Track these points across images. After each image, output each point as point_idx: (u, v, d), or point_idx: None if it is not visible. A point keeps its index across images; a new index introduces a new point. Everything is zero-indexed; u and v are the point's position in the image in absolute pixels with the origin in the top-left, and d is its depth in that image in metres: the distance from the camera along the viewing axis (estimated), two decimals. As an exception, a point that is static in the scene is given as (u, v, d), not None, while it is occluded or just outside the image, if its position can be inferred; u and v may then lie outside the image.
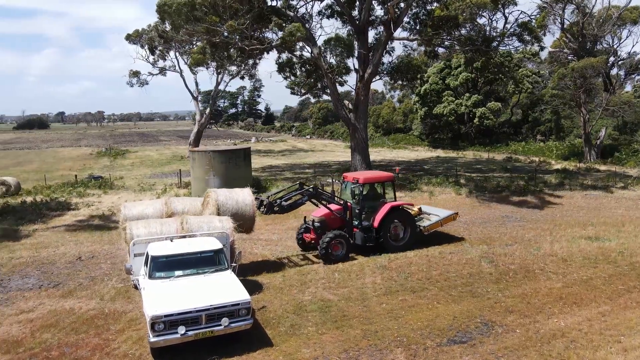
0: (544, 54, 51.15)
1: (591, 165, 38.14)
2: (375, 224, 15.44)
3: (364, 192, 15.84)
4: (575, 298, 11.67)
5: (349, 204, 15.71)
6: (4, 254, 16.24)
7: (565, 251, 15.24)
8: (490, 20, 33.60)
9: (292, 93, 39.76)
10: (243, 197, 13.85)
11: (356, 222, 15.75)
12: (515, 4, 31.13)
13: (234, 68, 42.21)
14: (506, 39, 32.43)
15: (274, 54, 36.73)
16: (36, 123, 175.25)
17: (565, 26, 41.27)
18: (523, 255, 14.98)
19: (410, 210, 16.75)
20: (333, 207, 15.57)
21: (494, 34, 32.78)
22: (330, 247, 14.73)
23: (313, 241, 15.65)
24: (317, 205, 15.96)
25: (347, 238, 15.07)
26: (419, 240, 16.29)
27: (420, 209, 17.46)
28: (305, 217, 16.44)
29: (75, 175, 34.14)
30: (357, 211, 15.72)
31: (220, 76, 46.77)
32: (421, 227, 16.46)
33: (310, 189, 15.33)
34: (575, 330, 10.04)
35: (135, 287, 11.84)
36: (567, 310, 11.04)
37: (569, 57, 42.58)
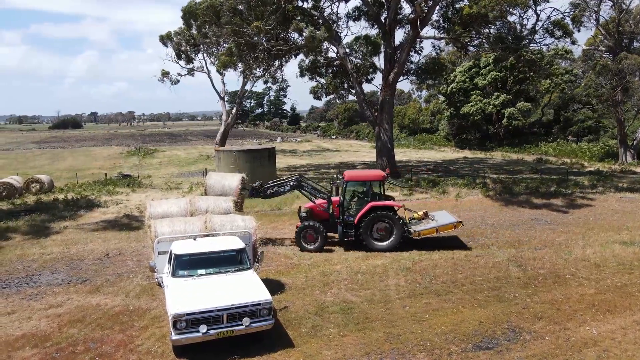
0: (577, 52, 49.65)
1: (627, 167, 36.75)
2: (355, 220, 15.80)
3: (347, 189, 16.27)
4: (609, 305, 11.21)
5: (333, 198, 16.40)
6: (36, 250, 16.74)
7: (598, 256, 14.68)
8: (520, 18, 32.77)
9: (316, 97, 39.82)
10: (230, 181, 17.18)
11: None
12: (547, 1, 30.30)
13: (259, 73, 42.84)
14: (537, 37, 31.62)
15: (300, 56, 36.64)
16: (70, 123, 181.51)
17: (600, 23, 39.92)
18: (553, 259, 14.50)
19: (414, 213, 16.97)
20: (320, 200, 16.46)
21: (525, 31, 31.97)
22: (304, 236, 15.76)
23: None
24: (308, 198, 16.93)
25: (320, 230, 15.72)
26: (411, 243, 16.11)
27: (425, 212, 17.16)
28: (300, 207, 17.26)
29: (105, 174, 35.00)
30: (338, 206, 16.29)
31: (246, 80, 47.55)
32: (411, 230, 16.10)
33: (294, 181, 16.48)
34: (608, 338, 9.63)
35: (159, 285, 11.97)
36: (600, 317, 10.61)
37: (604, 55, 41.16)
